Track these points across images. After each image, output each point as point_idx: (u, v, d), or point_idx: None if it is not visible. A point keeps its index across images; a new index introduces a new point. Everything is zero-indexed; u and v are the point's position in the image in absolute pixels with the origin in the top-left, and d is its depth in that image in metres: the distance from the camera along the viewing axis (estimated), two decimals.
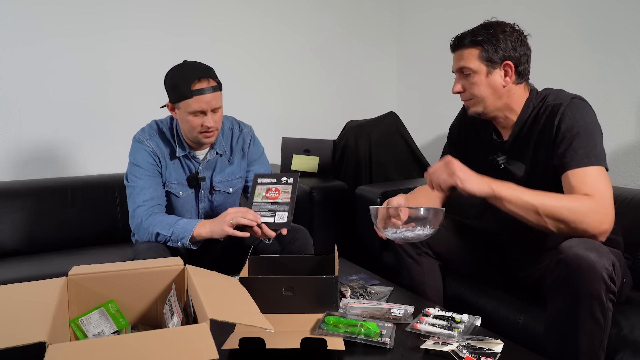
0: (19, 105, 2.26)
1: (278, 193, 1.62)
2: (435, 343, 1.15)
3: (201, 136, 1.64)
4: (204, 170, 1.76)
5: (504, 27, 1.41)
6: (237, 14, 2.70)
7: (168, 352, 0.86)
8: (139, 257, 1.52)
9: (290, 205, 1.59)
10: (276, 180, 1.64)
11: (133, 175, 1.69)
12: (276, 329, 1.07)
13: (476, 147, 1.60)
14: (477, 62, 1.40)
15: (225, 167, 1.80)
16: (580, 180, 1.28)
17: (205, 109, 1.58)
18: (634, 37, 1.92)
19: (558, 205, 1.26)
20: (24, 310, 1.01)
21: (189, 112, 1.59)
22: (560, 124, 1.34)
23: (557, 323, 1.23)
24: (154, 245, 1.58)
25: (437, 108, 2.86)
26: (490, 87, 1.41)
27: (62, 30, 2.31)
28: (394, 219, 1.42)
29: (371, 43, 3.10)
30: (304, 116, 2.95)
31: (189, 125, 1.62)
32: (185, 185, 1.75)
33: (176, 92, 1.58)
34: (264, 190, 1.63)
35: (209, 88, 1.57)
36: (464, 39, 1.42)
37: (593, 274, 1.14)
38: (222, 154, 1.78)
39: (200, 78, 1.56)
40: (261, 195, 1.62)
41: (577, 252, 1.16)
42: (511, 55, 1.39)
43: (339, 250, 1.53)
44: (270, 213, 1.59)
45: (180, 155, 1.72)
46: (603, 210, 1.25)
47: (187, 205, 1.77)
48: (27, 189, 2.14)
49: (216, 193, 1.80)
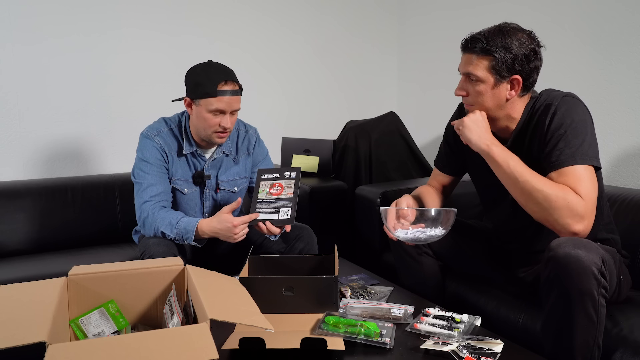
0: (19, 105, 2.26)
1: (281, 189, 1.63)
2: (435, 343, 1.15)
3: (215, 135, 1.67)
4: (209, 169, 1.78)
5: (520, 36, 1.34)
6: (236, 14, 2.70)
7: (168, 352, 0.86)
8: (149, 251, 1.54)
9: (293, 201, 1.60)
10: (279, 175, 1.66)
11: (141, 170, 1.71)
12: (276, 329, 1.07)
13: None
14: (486, 73, 1.36)
15: (231, 166, 1.82)
16: (564, 180, 1.28)
17: (226, 109, 1.63)
18: (635, 37, 1.92)
19: (537, 188, 1.28)
20: (24, 310, 1.01)
21: (209, 110, 1.62)
22: (550, 124, 1.34)
23: (552, 321, 1.23)
24: (163, 240, 1.60)
25: (437, 108, 2.86)
26: (494, 99, 1.39)
27: (61, 29, 2.30)
28: (403, 220, 1.42)
29: (371, 43, 3.10)
30: (304, 116, 2.95)
31: (205, 123, 1.65)
32: (191, 183, 1.77)
33: (200, 89, 1.62)
34: (267, 186, 1.64)
35: (233, 91, 1.63)
36: (476, 43, 1.36)
37: (582, 270, 1.15)
38: (228, 154, 1.81)
39: (227, 80, 1.62)
40: (265, 192, 1.64)
41: (566, 250, 1.17)
42: (522, 70, 1.35)
43: (339, 250, 1.54)
44: (274, 209, 1.60)
45: (188, 152, 1.74)
46: (580, 210, 1.24)
47: (192, 203, 1.78)
48: (27, 189, 2.14)
49: (221, 192, 1.81)
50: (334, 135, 2.75)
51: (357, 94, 3.09)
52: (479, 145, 1.38)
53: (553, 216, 1.26)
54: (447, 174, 1.70)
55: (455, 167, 1.69)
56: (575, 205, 1.24)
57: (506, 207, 1.50)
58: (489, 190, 1.59)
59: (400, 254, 1.64)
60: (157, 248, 1.55)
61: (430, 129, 2.91)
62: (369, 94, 3.13)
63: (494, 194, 1.54)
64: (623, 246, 1.47)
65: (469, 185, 1.71)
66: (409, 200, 1.52)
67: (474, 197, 1.75)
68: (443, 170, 1.71)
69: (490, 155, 1.36)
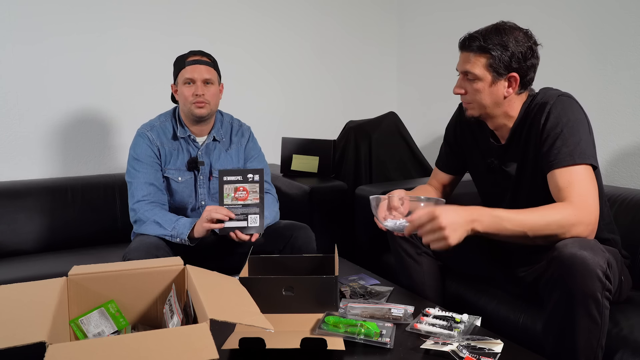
0: (19, 105, 2.26)
1: (247, 193, 1.62)
2: (435, 343, 1.15)
3: (193, 107, 1.74)
4: (202, 156, 1.82)
5: (516, 34, 1.36)
6: (236, 14, 2.70)
7: (168, 352, 0.86)
8: (128, 255, 1.56)
9: (260, 208, 1.61)
10: (242, 178, 1.64)
11: (133, 168, 1.76)
12: (276, 329, 1.07)
13: (472, 148, 1.60)
14: (483, 70, 1.37)
15: (224, 155, 1.87)
16: (564, 181, 1.28)
17: (195, 77, 1.74)
18: (635, 37, 1.92)
19: (545, 223, 1.24)
20: (24, 310, 1.01)
21: (183, 83, 1.74)
22: (546, 122, 1.34)
23: (554, 321, 1.23)
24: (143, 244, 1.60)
25: (437, 108, 2.86)
26: (492, 96, 1.40)
27: (61, 29, 2.31)
28: (395, 211, 1.42)
29: (371, 43, 3.10)
30: (304, 116, 2.95)
31: (183, 97, 1.75)
32: (184, 171, 1.81)
33: (175, 67, 1.78)
34: (232, 190, 1.63)
35: (202, 61, 1.76)
36: (473, 42, 1.37)
37: (587, 272, 1.14)
38: (219, 141, 1.85)
39: (196, 53, 1.78)
40: (230, 197, 1.62)
41: (572, 250, 1.16)
42: (519, 67, 1.36)
43: (339, 250, 1.53)
44: (242, 216, 1.61)
45: (181, 136, 1.80)
46: (586, 214, 1.24)
47: (187, 190, 1.82)
48: (27, 189, 2.15)
49: (214, 179, 1.84)
50: (334, 135, 2.74)
51: (357, 94, 3.09)
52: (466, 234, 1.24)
53: (571, 234, 1.24)
54: (447, 172, 1.71)
55: (455, 166, 1.70)
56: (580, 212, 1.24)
57: (506, 206, 1.49)
58: (489, 190, 1.59)
59: (400, 254, 1.64)
60: (135, 253, 1.55)
61: (430, 129, 2.91)
62: (369, 94, 3.12)
63: (495, 194, 1.54)
64: (623, 246, 1.47)
65: (469, 185, 1.72)
66: (401, 193, 1.49)
67: (474, 197, 1.75)
68: (443, 170, 1.72)
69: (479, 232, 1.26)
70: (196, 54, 1.78)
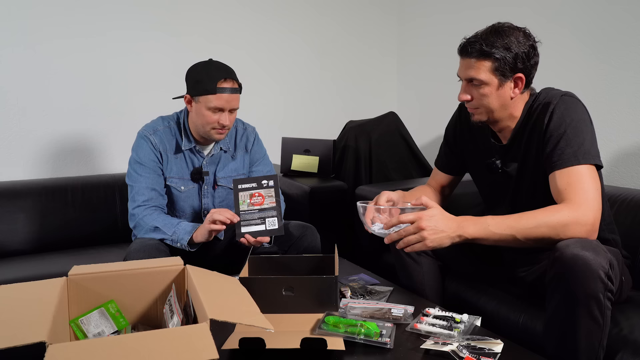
0: (19, 105, 2.26)
1: (262, 198, 1.62)
2: (435, 343, 1.15)
3: (213, 132, 1.68)
4: (207, 165, 1.79)
5: (517, 34, 1.35)
6: (236, 15, 2.70)
7: (168, 352, 0.86)
8: (130, 257, 1.54)
9: (278, 210, 1.61)
10: (257, 185, 1.63)
11: (134, 171, 1.71)
12: (276, 329, 1.07)
13: (473, 149, 1.60)
14: (489, 75, 1.35)
15: (229, 163, 1.83)
16: (567, 181, 1.28)
17: (225, 107, 1.65)
18: (635, 37, 1.92)
19: (534, 225, 1.24)
20: (24, 310, 1.01)
21: (208, 108, 1.64)
22: (549, 123, 1.33)
23: (556, 322, 1.23)
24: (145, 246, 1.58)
25: (437, 108, 2.86)
26: (499, 99, 1.38)
27: (61, 30, 2.31)
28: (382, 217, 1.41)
29: (371, 43, 3.10)
30: (304, 116, 2.95)
31: (204, 120, 1.66)
32: (187, 180, 1.77)
33: (200, 86, 1.63)
34: (247, 197, 1.62)
35: (232, 89, 1.65)
36: (474, 46, 1.35)
37: (589, 273, 1.14)
38: (226, 150, 1.82)
39: (226, 78, 1.64)
40: (246, 203, 1.62)
41: (574, 251, 1.16)
42: (524, 67, 1.35)
43: (339, 250, 1.53)
44: (260, 220, 1.60)
45: (186, 148, 1.75)
46: (583, 214, 1.23)
47: (189, 200, 1.78)
48: (27, 189, 2.15)
49: (219, 188, 1.82)
50: (334, 135, 2.75)
51: (357, 94, 3.09)
52: (452, 241, 1.28)
53: (567, 235, 1.23)
54: (446, 173, 1.71)
55: (455, 167, 1.69)
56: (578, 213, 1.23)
57: (507, 206, 1.50)
58: (489, 190, 1.59)
59: (399, 254, 1.64)
60: (135, 255, 1.53)
61: (430, 129, 2.91)
62: (368, 94, 3.13)
63: (495, 193, 1.54)
64: (623, 246, 1.47)
65: (469, 185, 1.72)
66: (389, 195, 1.47)
67: (474, 197, 1.75)
68: (443, 170, 1.71)
69: (468, 238, 1.28)
70: (226, 78, 1.63)
